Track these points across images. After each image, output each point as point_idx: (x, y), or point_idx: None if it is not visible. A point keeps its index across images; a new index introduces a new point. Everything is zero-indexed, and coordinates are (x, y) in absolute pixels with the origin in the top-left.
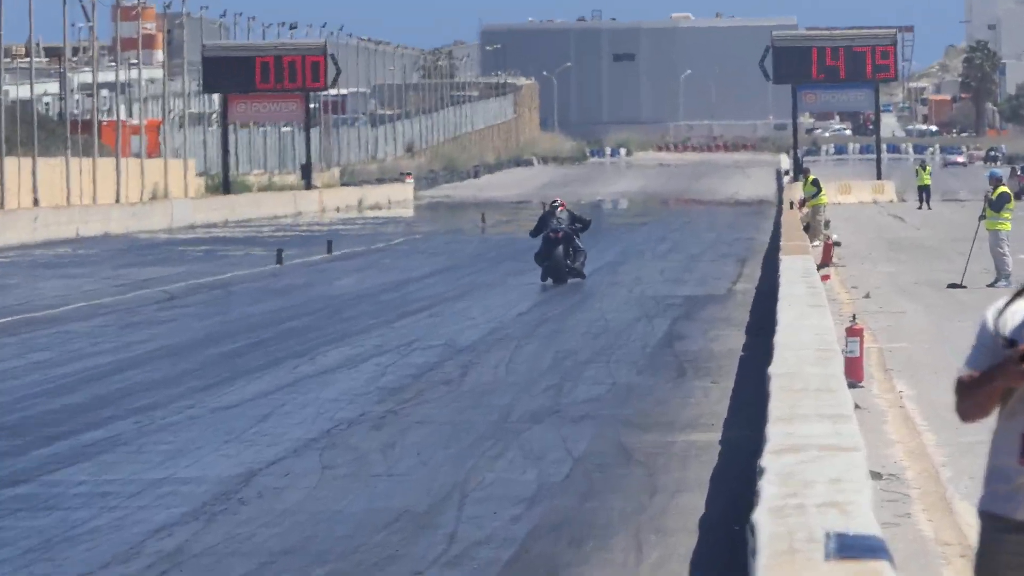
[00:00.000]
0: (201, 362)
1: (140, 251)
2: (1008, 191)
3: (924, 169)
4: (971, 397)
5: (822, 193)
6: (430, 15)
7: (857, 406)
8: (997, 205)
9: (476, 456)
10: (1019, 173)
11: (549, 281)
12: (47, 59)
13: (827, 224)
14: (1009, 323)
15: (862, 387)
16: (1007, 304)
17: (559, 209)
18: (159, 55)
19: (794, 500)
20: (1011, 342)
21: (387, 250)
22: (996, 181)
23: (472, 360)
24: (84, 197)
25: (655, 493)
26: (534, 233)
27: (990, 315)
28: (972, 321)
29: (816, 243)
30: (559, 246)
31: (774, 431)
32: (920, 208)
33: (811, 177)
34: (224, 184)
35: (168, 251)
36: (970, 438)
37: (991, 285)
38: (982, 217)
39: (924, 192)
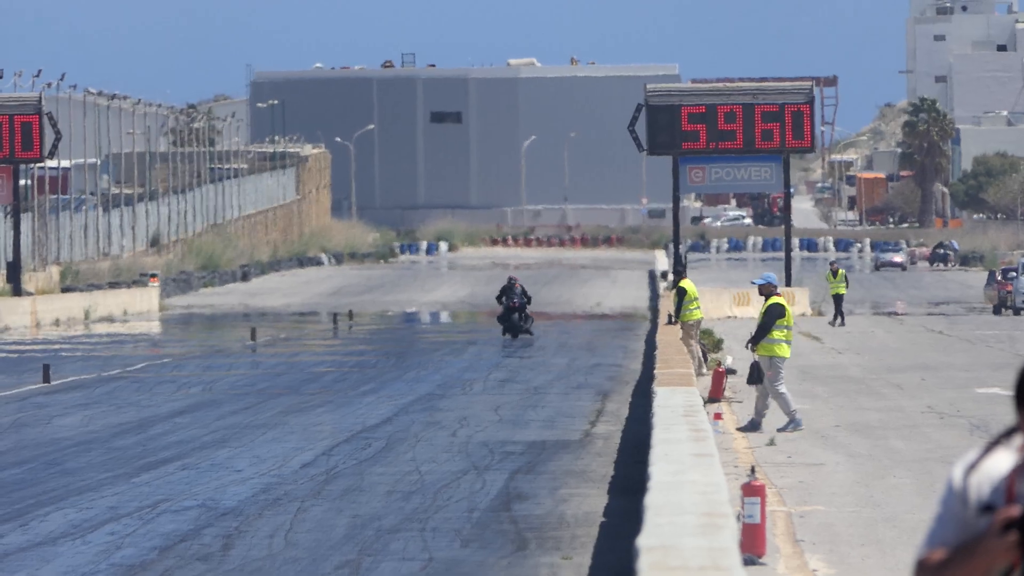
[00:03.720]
0: None
1: None
2: (782, 303)
3: (835, 275)
4: None
5: (687, 302)
6: (184, 60)
7: None
8: (766, 322)
9: None
10: (999, 279)
11: (508, 336)
12: None
13: (718, 345)
14: (985, 484)
15: (764, 564)
16: (979, 458)
17: (515, 285)
18: None
19: None
20: (988, 507)
21: (124, 379)
22: (769, 289)
23: (239, 528)
24: None
25: None
26: (498, 297)
27: (958, 475)
28: (911, 478)
29: (704, 371)
30: (515, 313)
31: None
32: (834, 324)
33: (683, 281)
34: None
35: None
36: None
37: (781, 430)
38: (752, 341)
39: (838, 303)
